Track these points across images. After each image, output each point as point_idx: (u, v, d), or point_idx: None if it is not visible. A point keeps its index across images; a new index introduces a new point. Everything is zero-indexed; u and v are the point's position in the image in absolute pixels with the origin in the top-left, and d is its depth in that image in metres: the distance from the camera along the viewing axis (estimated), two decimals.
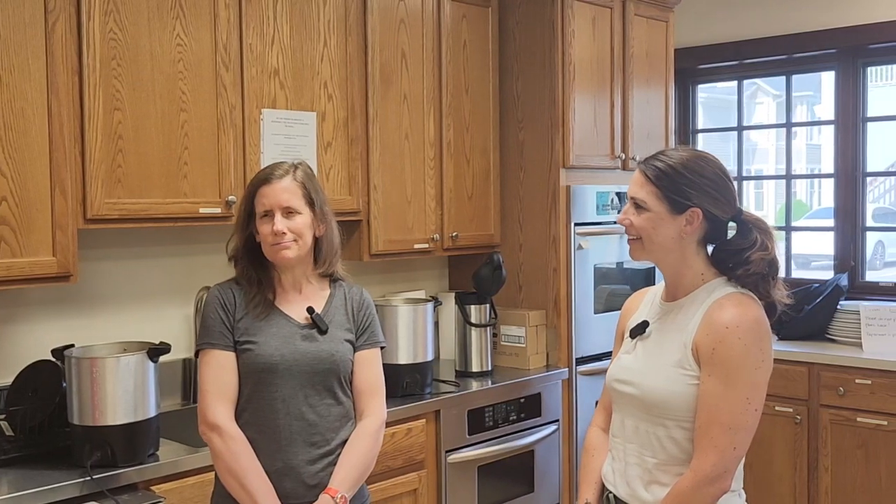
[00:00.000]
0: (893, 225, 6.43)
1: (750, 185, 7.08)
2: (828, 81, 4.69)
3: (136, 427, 2.46)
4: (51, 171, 2.50)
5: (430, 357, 3.39)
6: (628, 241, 1.99)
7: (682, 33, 4.63)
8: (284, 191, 2.17)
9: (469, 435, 3.39)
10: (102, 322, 2.99)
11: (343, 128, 3.27)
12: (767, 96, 8.44)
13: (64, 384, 2.48)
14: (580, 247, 3.82)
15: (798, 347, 4.10)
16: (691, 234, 1.94)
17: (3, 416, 2.55)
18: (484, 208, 3.87)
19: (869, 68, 4.55)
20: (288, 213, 2.16)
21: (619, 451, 2.03)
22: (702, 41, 4.85)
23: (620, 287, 4.04)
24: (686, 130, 5.13)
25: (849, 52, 4.48)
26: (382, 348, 2.34)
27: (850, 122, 4.54)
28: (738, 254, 1.92)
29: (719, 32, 4.81)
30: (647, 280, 4.05)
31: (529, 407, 3.64)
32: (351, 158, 3.29)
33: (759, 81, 7.10)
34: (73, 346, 2.58)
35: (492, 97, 3.88)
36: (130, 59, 2.67)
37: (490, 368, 3.69)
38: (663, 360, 1.93)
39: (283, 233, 2.15)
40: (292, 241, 2.16)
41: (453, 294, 3.78)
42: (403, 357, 3.30)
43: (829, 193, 4.70)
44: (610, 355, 2.23)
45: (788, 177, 4.96)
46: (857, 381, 3.86)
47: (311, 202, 2.20)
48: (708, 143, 5.46)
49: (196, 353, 2.22)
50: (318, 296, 2.27)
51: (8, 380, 2.62)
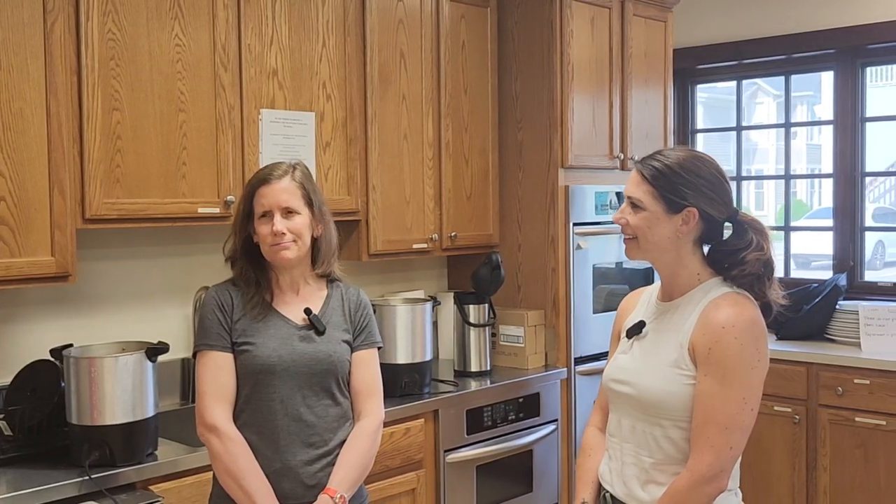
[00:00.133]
0: (893, 225, 6.43)
1: (750, 185, 7.08)
2: (828, 81, 4.69)
3: (135, 427, 2.46)
4: (49, 171, 2.50)
5: (429, 357, 3.39)
6: (624, 240, 2.00)
7: (681, 33, 4.64)
8: (283, 191, 2.17)
9: (468, 434, 3.39)
10: (101, 322, 2.99)
11: (342, 128, 3.27)
12: (767, 96, 8.44)
13: (62, 384, 2.48)
14: (579, 247, 3.83)
15: (797, 347, 4.11)
16: (687, 233, 1.94)
17: (2, 415, 2.55)
18: (483, 208, 3.87)
19: (868, 68, 4.55)
20: (287, 213, 2.16)
21: (615, 450, 2.03)
22: (701, 41, 4.85)
23: (619, 287, 4.04)
24: (685, 130, 5.13)
25: (848, 52, 4.48)
26: (379, 349, 2.34)
27: (848, 122, 4.54)
28: (734, 254, 1.93)
29: (718, 32, 4.81)
30: (646, 280, 4.05)
31: (528, 407, 3.64)
32: (350, 158, 3.30)
33: (759, 81, 7.10)
34: (71, 345, 2.58)
35: (490, 97, 3.88)
36: (129, 60, 2.68)
37: (489, 368, 3.69)
38: (660, 359, 1.94)
39: (283, 233, 2.15)
40: (291, 242, 2.16)
41: (452, 294, 3.78)
42: (402, 357, 3.30)
43: (829, 193, 4.70)
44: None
45: (787, 177, 4.96)
46: (856, 380, 3.86)
47: (309, 202, 2.20)
48: (707, 143, 5.46)
49: (194, 355, 2.22)
50: (315, 296, 2.27)
51: (7, 379, 2.63)
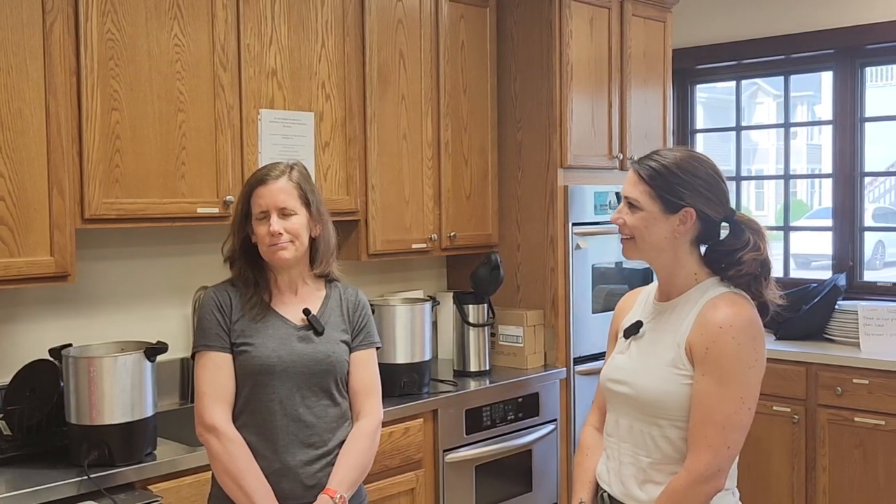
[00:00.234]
0: (894, 225, 6.42)
1: (750, 185, 7.07)
2: (828, 81, 4.69)
3: (134, 426, 2.46)
4: (48, 171, 2.50)
5: (428, 357, 3.39)
6: (621, 240, 2.00)
7: (680, 34, 4.64)
8: (280, 191, 2.17)
9: (467, 434, 3.39)
10: (100, 322, 2.99)
11: (341, 128, 3.27)
12: (768, 96, 8.44)
13: (61, 383, 2.49)
14: (578, 247, 3.83)
15: (796, 347, 4.11)
16: (684, 233, 1.94)
17: (1, 415, 2.55)
18: (482, 208, 3.87)
19: (867, 68, 4.55)
20: (284, 213, 2.16)
21: (613, 450, 2.03)
22: (700, 41, 4.85)
23: (618, 287, 4.04)
24: (685, 130, 5.13)
25: (847, 52, 4.48)
26: (378, 349, 2.34)
27: (847, 122, 4.54)
28: (731, 254, 1.93)
29: (717, 33, 4.81)
30: (645, 280, 4.05)
31: (527, 406, 3.64)
32: (349, 158, 3.30)
33: (759, 81, 7.10)
34: (70, 345, 2.59)
35: (490, 97, 3.89)
36: (128, 60, 2.68)
37: (488, 368, 3.69)
38: (657, 359, 1.94)
39: (280, 233, 2.15)
40: (289, 242, 2.16)
41: (451, 294, 3.78)
42: (401, 357, 3.31)
43: (829, 193, 4.70)
44: None
45: (787, 177, 4.97)
46: (855, 380, 3.86)
47: (306, 203, 2.20)
48: (707, 143, 5.46)
49: (192, 356, 2.21)
50: (313, 297, 2.27)
51: (6, 379, 2.63)
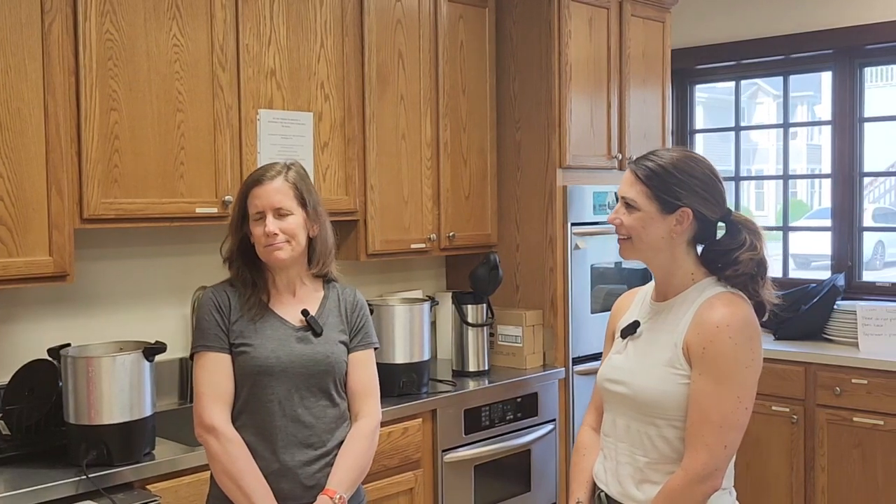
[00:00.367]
0: (893, 225, 6.42)
1: (750, 186, 7.07)
2: (828, 82, 4.69)
3: (132, 426, 2.47)
4: (47, 171, 2.51)
5: (427, 356, 3.40)
6: (618, 240, 2.00)
7: (679, 34, 4.64)
8: (276, 192, 2.16)
9: (465, 434, 3.40)
10: (99, 321, 3.00)
11: (340, 128, 3.27)
12: (768, 96, 8.43)
13: (60, 383, 2.49)
14: (577, 247, 3.83)
15: (795, 347, 4.11)
16: (681, 233, 1.95)
17: (0, 415, 2.56)
18: (481, 208, 3.88)
19: (866, 69, 4.55)
20: (280, 213, 2.16)
21: (610, 450, 2.03)
22: (699, 41, 4.85)
23: (617, 287, 4.04)
24: (684, 131, 5.13)
25: (846, 52, 4.48)
26: (376, 349, 2.34)
27: (846, 122, 4.54)
28: (728, 254, 1.93)
29: (716, 33, 4.81)
30: (643, 279, 4.02)
31: (526, 406, 3.64)
32: (348, 158, 3.30)
33: (759, 82, 7.09)
34: (69, 345, 2.59)
35: (489, 97, 3.89)
36: (127, 60, 2.68)
37: (487, 368, 3.69)
38: (654, 359, 1.94)
39: (275, 234, 2.15)
40: (285, 242, 2.16)
41: (450, 294, 3.78)
42: (400, 356, 3.31)
43: (829, 193, 4.69)
44: None
45: (786, 177, 4.97)
46: (854, 380, 3.86)
47: (303, 202, 2.20)
48: (707, 143, 5.46)
49: (191, 356, 2.21)
50: (311, 297, 2.27)
51: (4, 379, 2.64)
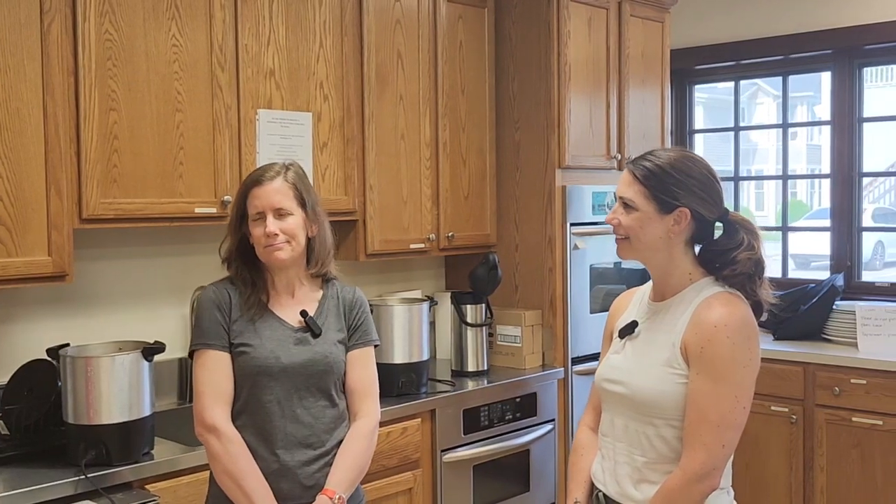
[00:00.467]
0: (893, 225, 6.41)
1: (750, 186, 7.06)
2: (827, 82, 4.69)
3: (131, 426, 2.47)
4: (46, 171, 2.51)
5: (426, 356, 3.40)
6: (616, 240, 2.00)
7: (678, 34, 4.64)
8: (276, 192, 2.16)
9: (465, 434, 3.40)
10: (98, 321, 3.00)
11: (339, 128, 3.28)
12: (768, 97, 8.42)
13: (59, 383, 2.49)
14: (576, 247, 3.83)
15: (794, 347, 4.11)
16: (679, 233, 1.95)
17: None
18: (480, 208, 3.88)
19: (866, 69, 4.55)
20: (279, 214, 2.16)
21: (608, 449, 2.03)
22: (699, 42, 4.85)
23: (616, 287, 4.03)
24: (684, 131, 5.14)
25: (845, 52, 4.49)
26: (376, 346, 2.33)
27: (846, 122, 4.54)
28: (725, 254, 1.93)
29: (716, 33, 4.82)
30: (642, 279, 3.97)
31: (525, 406, 3.65)
32: (347, 159, 3.30)
33: (759, 82, 7.09)
34: (68, 345, 2.59)
35: (488, 98, 3.89)
36: (126, 60, 2.69)
37: (486, 368, 3.70)
38: (652, 359, 1.94)
39: (276, 234, 2.14)
40: (284, 243, 2.16)
41: (449, 294, 3.78)
42: (399, 356, 3.31)
43: (828, 194, 4.70)
44: None
45: (785, 177, 4.97)
46: (853, 380, 3.86)
47: (302, 203, 2.20)
48: (706, 143, 5.46)
49: (190, 354, 2.21)
50: (310, 298, 2.27)
51: (3, 379, 2.63)
